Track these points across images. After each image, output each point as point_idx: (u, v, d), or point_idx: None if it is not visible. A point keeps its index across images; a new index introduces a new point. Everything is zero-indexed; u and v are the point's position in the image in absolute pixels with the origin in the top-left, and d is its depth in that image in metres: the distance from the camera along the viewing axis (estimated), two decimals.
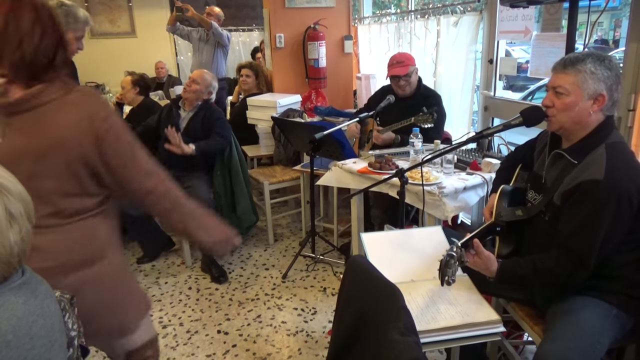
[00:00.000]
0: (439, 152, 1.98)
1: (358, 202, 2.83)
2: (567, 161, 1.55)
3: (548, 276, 1.49)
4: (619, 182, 1.41)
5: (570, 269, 1.46)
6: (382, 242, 1.88)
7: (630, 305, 1.51)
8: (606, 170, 1.41)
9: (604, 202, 1.41)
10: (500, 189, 1.81)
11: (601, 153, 1.46)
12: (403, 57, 3.04)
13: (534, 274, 1.50)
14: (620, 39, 12.00)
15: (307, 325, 2.61)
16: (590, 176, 1.44)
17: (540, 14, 2.66)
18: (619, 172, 1.42)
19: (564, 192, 1.51)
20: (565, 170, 1.55)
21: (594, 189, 1.42)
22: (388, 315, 1.29)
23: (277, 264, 3.30)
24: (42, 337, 0.88)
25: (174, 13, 5.03)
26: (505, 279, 1.54)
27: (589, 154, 1.49)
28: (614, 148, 1.48)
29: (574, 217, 1.47)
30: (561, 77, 1.51)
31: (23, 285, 0.90)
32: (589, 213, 1.43)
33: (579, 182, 1.46)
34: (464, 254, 1.47)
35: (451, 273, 1.42)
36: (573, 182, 1.48)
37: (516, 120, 1.65)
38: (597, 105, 1.49)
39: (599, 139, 1.50)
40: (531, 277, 1.51)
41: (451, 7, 3.36)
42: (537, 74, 2.75)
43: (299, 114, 3.99)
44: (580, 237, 1.45)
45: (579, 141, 1.54)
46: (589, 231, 1.43)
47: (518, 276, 1.53)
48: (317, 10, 4.40)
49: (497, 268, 1.52)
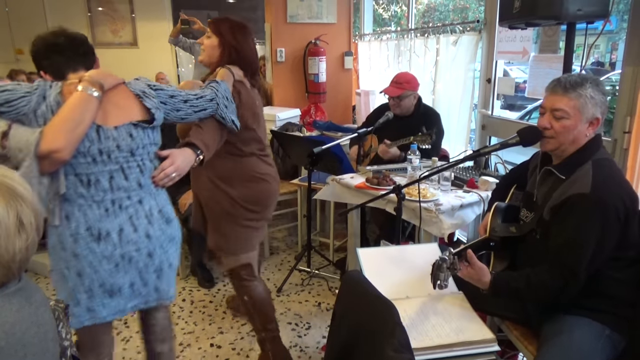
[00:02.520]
0: (437, 169, 1.99)
1: (355, 217, 2.83)
2: (555, 177, 1.58)
3: (540, 290, 1.51)
4: (605, 196, 1.43)
5: (562, 282, 1.47)
6: (378, 257, 1.88)
7: (623, 326, 1.51)
8: (592, 184, 1.44)
9: (591, 214, 1.43)
10: (495, 205, 1.83)
11: (588, 169, 1.50)
12: (403, 79, 3.01)
13: (526, 287, 1.51)
14: (616, 61, 12.15)
15: (301, 340, 2.59)
16: (577, 190, 1.46)
17: (538, 36, 2.70)
18: (605, 186, 1.45)
19: (553, 207, 1.53)
20: (554, 186, 1.57)
21: (580, 202, 1.45)
22: (383, 331, 1.29)
23: (272, 278, 3.29)
24: (34, 345, 0.87)
25: (178, 25, 5.01)
26: (498, 292, 1.55)
27: (577, 170, 1.52)
28: (601, 164, 1.51)
29: (562, 231, 1.49)
30: (562, 100, 1.53)
31: (18, 292, 0.90)
32: (576, 225, 1.45)
33: (567, 197, 1.48)
34: (457, 262, 1.49)
35: (443, 277, 1.44)
36: (561, 197, 1.50)
37: (513, 139, 1.67)
38: (592, 128, 1.53)
39: (587, 156, 1.53)
40: (524, 291, 1.52)
41: (451, 27, 3.41)
42: (534, 94, 2.79)
43: (298, 127, 4.01)
44: (570, 250, 1.46)
45: (567, 157, 1.57)
46: (578, 243, 1.45)
47: (511, 289, 1.54)
48: (319, 26, 4.45)
49: (490, 280, 1.53)
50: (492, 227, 1.74)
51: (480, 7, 12.00)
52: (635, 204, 1.50)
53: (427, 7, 13.90)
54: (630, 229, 1.48)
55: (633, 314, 1.51)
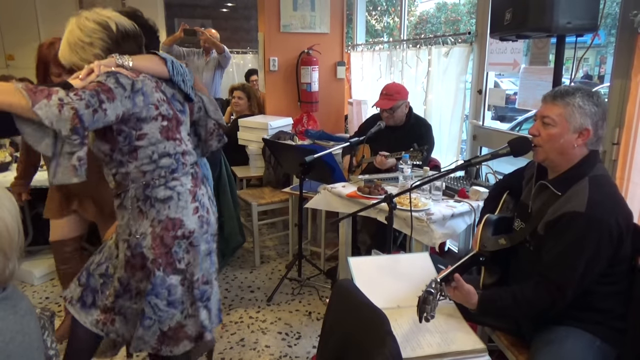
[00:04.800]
0: (428, 179, 2.00)
1: (346, 226, 2.83)
2: (551, 192, 1.57)
3: (527, 307, 1.51)
4: (600, 215, 1.43)
5: (548, 299, 1.47)
6: (370, 266, 1.87)
7: (614, 337, 1.52)
8: (588, 203, 1.43)
9: (585, 234, 1.43)
10: (485, 218, 1.83)
11: (584, 186, 1.49)
12: (392, 90, 3.04)
13: (513, 304, 1.51)
14: (605, 74, 12.35)
15: (291, 350, 2.56)
16: (572, 208, 1.45)
17: (529, 48, 2.74)
18: (600, 205, 1.44)
19: (547, 223, 1.53)
20: (549, 201, 1.57)
21: (575, 220, 1.44)
22: (373, 341, 1.28)
23: (262, 287, 3.26)
24: (19, 354, 0.86)
25: (178, 34, 4.79)
26: (485, 311, 1.55)
27: (573, 186, 1.51)
28: (597, 181, 1.50)
29: (554, 248, 1.48)
30: (550, 108, 1.54)
31: (3, 300, 0.89)
32: (569, 244, 1.45)
33: (562, 214, 1.47)
34: (444, 288, 1.48)
35: (430, 309, 1.41)
36: (556, 213, 1.50)
37: (504, 149, 1.68)
38: (582, 139, 1.52)
39: (583, 172, 1.53)
40: (511, 309, 1.53)
41: (442, 38, 3.45)
42: (524, 106, 2.82)
43: (290, 136, 4.01)
44: (560, 267, 1.46)
45: (563, 173, 1.57)
46: (569, 262, 1.45)
47: (498, 308, 1.55)
48: (312, 36, 4.47)
49: (477, 300, 1.54)
50: (482, 243, 1.73)
51: (471, 20, 12.17)
52: (629, 222, 1.49)
53: (419, 18, 14.06)
54: (622, 247, 1.47)
55: (624, 325, 1.52)
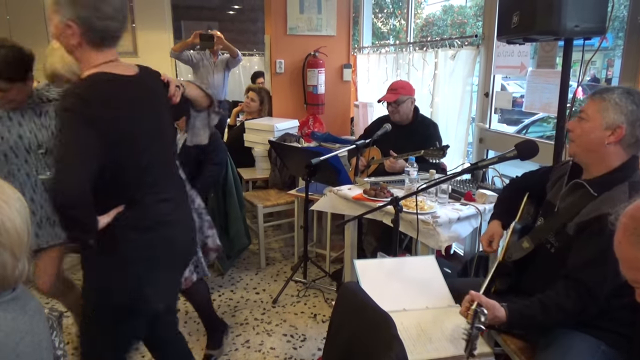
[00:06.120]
0: (434, 182, 2.00)
1: (352, 229, 2.83)
2: (585, 192, 1.52)
3: (557, 312, 1.44)
4: None
5: (579, 302, 1.42)
6: (375, 269, 1.87)
7: (621, 343, 1.50)
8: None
9: None
10: (512, 226, 1.77)
11: (624, 190, 1.44)
12: (397, 85, 3.10)
13: (542, 312, 1.45)
14: (612, 77, 12.26)
15: (296, 352, 2.56)
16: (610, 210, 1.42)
17: (536, 51, 2.73)
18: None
19: (580, 223, 1.48)
20: (582, 201, 1.52)
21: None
22: (379, 344, 1.28)
23: (267, 289, 3.27)
24: (28, 354, 0.87)
25: (189, 40, 4.65)
26: (515, 324, 1.49)
27: (612, 189, 1.46)
28: (638, 187, 1.45)
29: (587, 250, 1.43)
30: (588, 104, 1.53)
31: (12, 301, 0.89)
32: (604, 247, 1.40)
33: (598, 215, 1.41)
34: (486, 315, 1.33)
35: (477, 344, 1.31)
36: (591, 214, 1.45)
37: (511, 153, 1.68)
38: (614, 137, 1.47)
39: (623, 176, 1.48)
40: (540, 317, 1.46)
41: (449, 41, 3.44)
42: (531, 109, 2.81)
43: (296, 138, 4.02)
44: (592, 269, 1.41)
45: (601, 176, 1.52)
46: (602, 265, 1.39)
47: (526, 317, 1.47)
48: (318, 38, 4.48)
49: (505, 314, 1.45)
50: (507, 252, 1.69)
51: (477, 22, 12.13)
52: None
53: (425, 21, 14.04)
54: None
55: (630, 332, 1.49)
